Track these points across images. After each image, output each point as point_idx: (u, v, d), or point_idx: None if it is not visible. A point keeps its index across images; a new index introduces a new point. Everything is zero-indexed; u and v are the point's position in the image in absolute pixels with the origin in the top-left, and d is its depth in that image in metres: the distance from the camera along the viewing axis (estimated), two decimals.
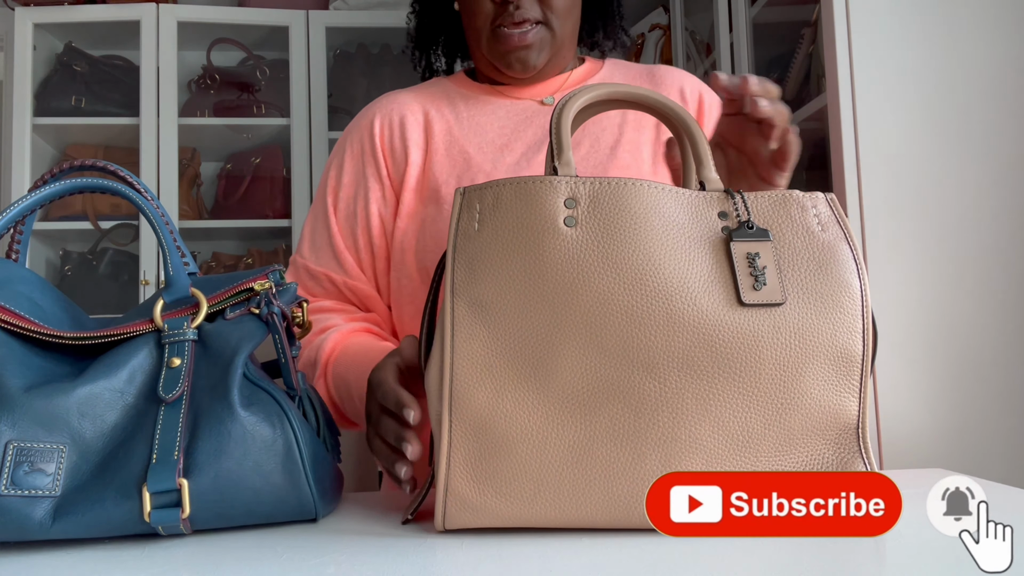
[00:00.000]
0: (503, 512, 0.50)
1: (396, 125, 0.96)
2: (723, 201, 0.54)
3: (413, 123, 0.96)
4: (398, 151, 0.94)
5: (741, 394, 0.49)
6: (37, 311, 0.55)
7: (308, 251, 0.96)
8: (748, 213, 0.53)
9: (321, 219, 0.96)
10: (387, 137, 0.96)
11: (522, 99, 0.97)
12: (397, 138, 0.95)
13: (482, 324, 0.51)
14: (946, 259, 1.35)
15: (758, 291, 0.50)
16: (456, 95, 0.99)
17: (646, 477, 0.49)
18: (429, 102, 0.98)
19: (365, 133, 0.97)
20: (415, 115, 0.96)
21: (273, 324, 0.57)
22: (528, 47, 0.90)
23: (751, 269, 0.51)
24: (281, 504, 0.54)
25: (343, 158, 0.98)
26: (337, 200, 0.96)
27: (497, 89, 0.99)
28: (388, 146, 0.95)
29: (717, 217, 0.53)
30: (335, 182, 0.97)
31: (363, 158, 0.96)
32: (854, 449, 0.50)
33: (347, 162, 0.97)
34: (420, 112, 0.97)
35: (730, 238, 0.52)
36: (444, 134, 0.95)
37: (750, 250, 0.52)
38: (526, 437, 0.50)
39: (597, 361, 0.50)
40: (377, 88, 2.41)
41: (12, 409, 0.50)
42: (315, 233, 0.96)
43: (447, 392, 0.51)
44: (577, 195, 0.51)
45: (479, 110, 0.96)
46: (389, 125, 0.96)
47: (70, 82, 2.27)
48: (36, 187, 0.59)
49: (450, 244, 0.52)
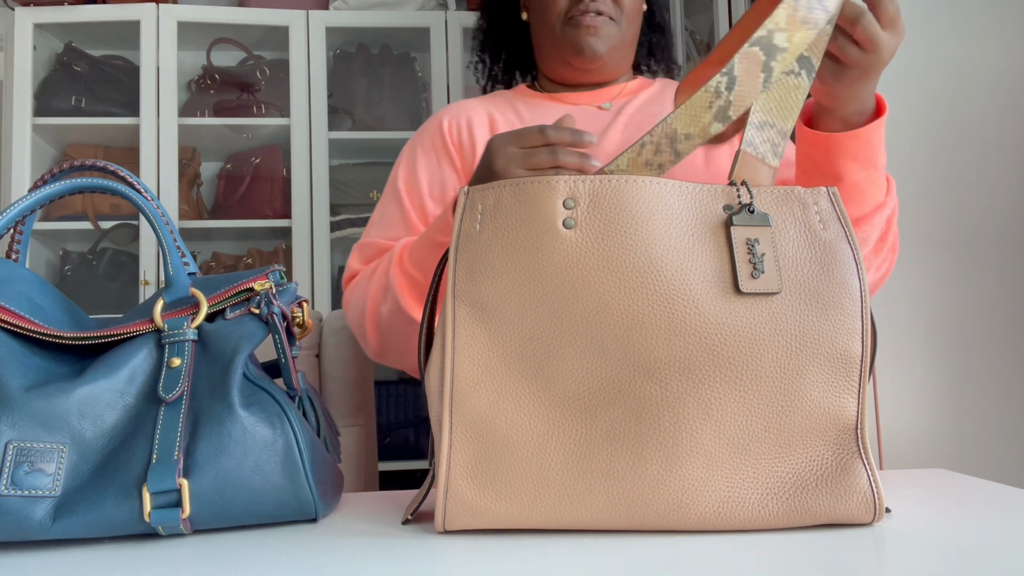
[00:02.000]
0: (503, 514, 0.50)
1: (464, 124, 1.03)
2: (729, 194, 0.53)
3: (479, 122, 1.03)
4: (467, 147, 1.02)
5: (742, 397, 0.49)
6: (37, 311, 0.55)
7: (376, 231, 1.00)
8: (751, 196, 0.53)
9: (393, 203, 1.00)
10: (455, 134, 1.03)
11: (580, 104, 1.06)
12: (465, 135, 1.02)
13: (483, 326, 0.51)
14: (946, 259, 1.35)
15: (756, 279, 0.50)
16: (519, 102, 1.08)
17: (646, 480, 0.49)
18: (493, 107, 1.07)
19: (436, 132, 1.04)
20: (480, 116, 1.04)
21: (273, 324, 0.57)
22: (598, 33, 1.00)
23: (750, 256, 0.51)
24: (281, 504, 0.54)
25: (415, 156, 1.03)
26: (411, 187, 1.00)
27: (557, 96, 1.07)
28: (457, 142, 1.02)
29: (722, 211, 0.53)
30: (408, 174, 1.02)
31: (436, 153, 1.02)
32: (853, 450, 0.50)
33: (419, 158, 1.03)
34: (485, 114, 1.05)
35: (730, 221, 0.51)
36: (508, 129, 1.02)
37: (750, 236, 0.51)
38: (527, 440, 0.50)
39: (598, 365, 0.49)
40: (377, 88, 2.41)
41: (12, 409, 0.50)
42: (384, 216, 1.00)
43: (448, 394, 0.51)
44: (576, 195, 0.51)
45: (541, 113, 1.05)
46: (457, 124, 1.04)
47: (70, 82, 2.27)
48: (36, 187, 0.59)
49: (452, 245, 0.52)
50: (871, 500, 0.49)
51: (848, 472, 0.50)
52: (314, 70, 2.33)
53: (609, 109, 1.05)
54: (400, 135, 2.35)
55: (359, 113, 2.39)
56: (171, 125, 2.25)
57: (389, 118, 2.38)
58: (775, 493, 0.49)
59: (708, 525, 0.49)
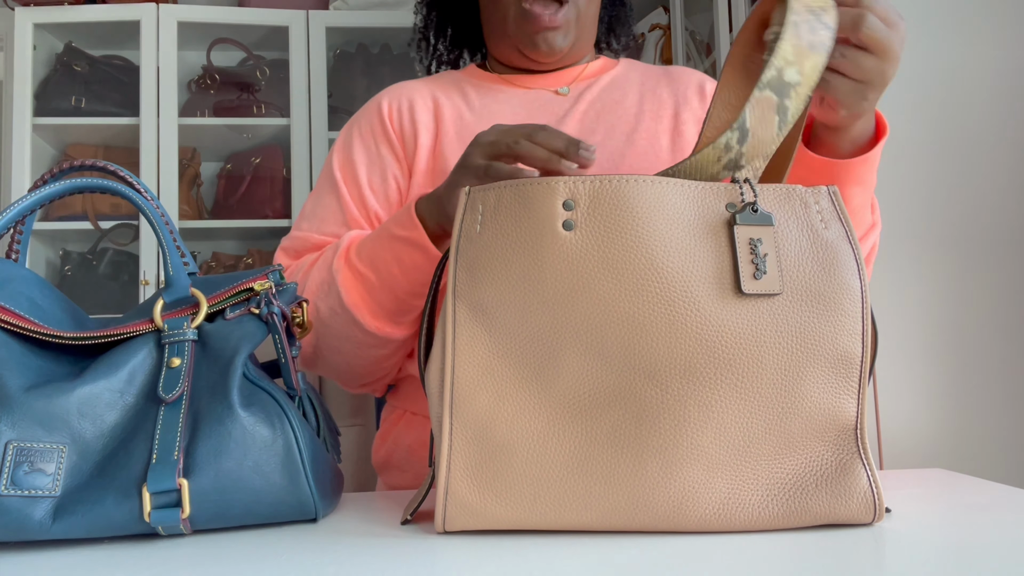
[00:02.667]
0: (503, 516, 0.50)
1: (405, 108, 0.94)
2: (732, 192, 0.53)
3: (422, 107, 0.94)
4: (407, 132, 0.92)
5: (743, 399, 0.49)
6: (37, 311, 0.55)
7: (308, 224, 0.90)
8: (755, 194, 0.52)
9: (328, 194, 0.91)
10: (396, 119, 0.94)
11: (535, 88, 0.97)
12: (407, 120, 0.93)
13: (483, 328, 0.51)
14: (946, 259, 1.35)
15: (759, 280, 0.50)
16: (467, 84, 0.98)
17: (647, 483, 0.49)
18: (439, 89, 0.97)
19: (374, 116, 0.95)
20: (424, 100, 0.95)
21: (273, 324, 0.57)
22: (557, 28, 0.90)
23: (752, 256, 0.50)
24: (281, 504, 0.54)
25: (351, 141, 0.94)
26: (349, 175, 0.92)
27: (508, 79, 0.98)
28: (398, 127, 0.93)
29: (725, 209, 0.52)
30: (344, 162, 0.93)
31: (374, 137, 0.93)
32: (853, 450, 0.50)
33: (356, 143, 0.94)
34: (429, 97, 0.95)
35: (734, 220, 0.51)
36: (455, 119, 0.93)
37: (753, 235, 0.51)
38: (527, 441, 0.50)
39: (598, 367, 0.49)
40: (377, 88, 2.41)
41: (12, 409, 0.50)
42: (318, 208, 0.91)
43: (448, 395, 0.51)
44: (576, 196, 0.51)
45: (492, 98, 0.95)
46: (398, 108, 0.94)
47: (70, 82, 2.27)
48: (36, 187, 0.59)
49: (453, 245, 0.52)
50: (871, 500, 0.49)
51: (848, 472, 0.50)
52: (314, 70, 2.33)
53: (567, 95, 0.96)
54: None
55: None
56: (171, 125, 2.25)
57: None
58: (775, 494, 0.49)
59: (708, 527, 0.49)
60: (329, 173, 0.93)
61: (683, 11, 2.08)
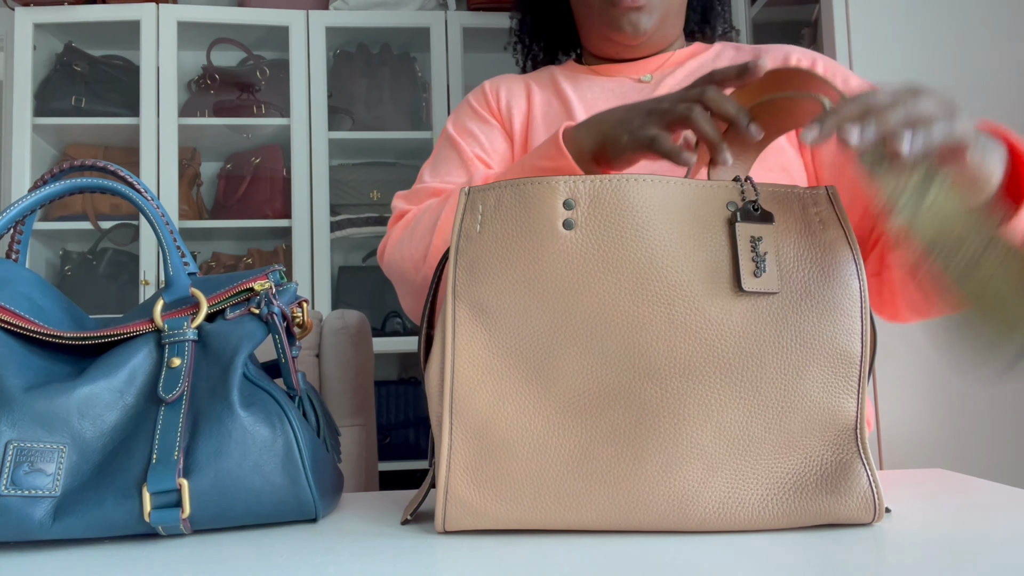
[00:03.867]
0: (503, 515, 0.50)
1: (503, 93, 1.02)
2: (732, 191, 0.53)
3: (517, 92, 1.02)
4: (505, 113, 1.00)
5: (743, 398, 0.49)
6: (37, 311, 0.55)
7: (430, 176, 0.96)
8: (756, 193, 0.52)
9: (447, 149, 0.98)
10: (495, 100, 1.02)
11: (617, 76, 1.01)
12: (504, 103, 1.01)
13: (483, 327, 0.51)
14: None
15: (758, 278, 0.50)
16: (560, 75, 1.04)
17: (647, 482, 0.49)
18: (533, 80, 1.05)
19: (480, 95, 1.03)
20: (519, 88, 1.03)
21: (273, 324, 0.57)
22: (640, 8, 0.93)
23: (753, 254, 0.50)
24: (281, 504, 0.54)
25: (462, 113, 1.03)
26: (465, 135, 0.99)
27: (596, 69, 1.03)
28: (496, 107, 1.01)
29: (726, 208, 0.52)
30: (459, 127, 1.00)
31: (482, 110, 1.02)
32: (852, 449, 0.50)
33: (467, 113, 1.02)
34: (523, 86, 1.03)
35: (735, 218, 0.51)
36: (543, 105, 0.99)
37: (753, 233, 0.51)
38: (527, 441, 0.50)
39: (598, 367, 0.49)
40: (377, 88, 2.41)
41: (12, 409, 0.50)
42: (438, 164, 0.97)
43: (448, 394, 0.51)
44: (576, 195, 0.51)
45: (576, 87, 1.00)
46: (496, 91, 1.03)
47: (70, 82, 2.27)
48: (36, 187, 0.59)
49: (452, 245, 0.52)
50: (871, 500, 0.49)
51: (848, 472, 0.50)
52: (314, 70, 2.33)
53: (649, 82, 0.98)
54: (400, 135, 2.35)
55: (359, 113, 2.39)
56: (171, 125, 2.24)
57: (389, 118, 2.38)
58: (775, 494, 0.49)
59: (708, 526, 0.49)
60: (446, 137, 1.00)
61: None
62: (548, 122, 0.97)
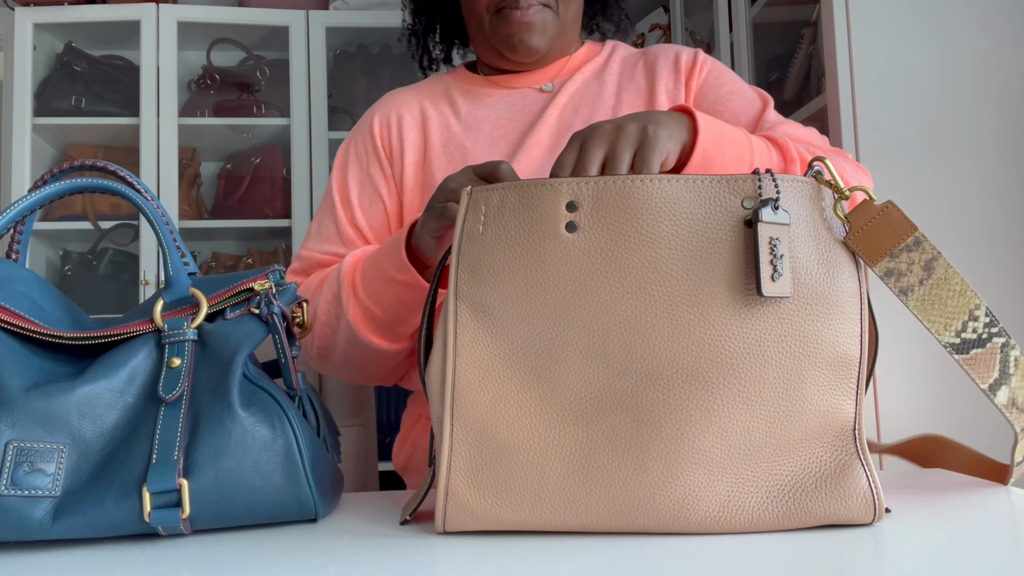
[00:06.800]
0: (503, 517, 0.50)
1: (394, 125, 0.98)
2: (747, 186, 0.50)
3: (410, 122, 0.98)
4: (396, 151, 0.97)
5: (745, 404, 0.49)
6: (37, 311, 0.55)
7: (312, 243, 0.97)
8: (777, 191, 0.49)
9: (328, 214, 0.98)
10: (385, 137, 0.98)
11: (519, 87, 0.98)
12: (395, 138, 0.97)
13: (485, 328, 0.51)
14: None
15: (775, 282, 0.48)
16: (455, 90, 1.00)
17: (647, 487, 0.48)
18: (428, 100, 1.00)
19: (367, 135, 0.99)
20: (412, 114, 0.98)
21: (273, 324, 0.57)
22: (531, 28, 0.91)
23: (772, 256, 0.48)
24: (281, 504, 0.54)
25: (347, 160, 1.00)
26: (344, 196, 0.97)
27: (494, 80, 0.99)
28: (387, 145, 0.98)
29: (741, 207, 0.50)
30: (340, 182, 0.99)
31: (367, 158, 0.98)
32: (851, 451, 0.50)
33: (351, 163, 0.99)
34: (418, 110, 0.99)
35: (757, 217, 0.48)
36: (442, 131, 0.96)
37: (773, 234, 0.48)
38: (527, 443, 0.50)
39: (600, 371, 0.49)
40: (377, 88, 2.41)
41: (12, 409, 0.50)
42: (320, 227, 0.98)
43: (449, 395, 0.51)
44: (579, 198, 0.50)
45: (477, 103, 0.98)
46: (387, 125, 0.98)
47: (70, 82, 2.27)
48: (36, 187, 0.59)
49: (455, 245, 0.52)
50: (871, 500, 0.49)
51: (847, 473, 0.50)
52: (314, 70, 2.33)
53: (551, 91, 0.96)
54: None
55: (359, 113, 2.39)
56: (171, 125, 2.25)
57: None
58: (775, 496, 0.49)
59: (708, 529, 0.49)
60: (329, 193, 0.99)
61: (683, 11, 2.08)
62: (449, 149, 0.94)
